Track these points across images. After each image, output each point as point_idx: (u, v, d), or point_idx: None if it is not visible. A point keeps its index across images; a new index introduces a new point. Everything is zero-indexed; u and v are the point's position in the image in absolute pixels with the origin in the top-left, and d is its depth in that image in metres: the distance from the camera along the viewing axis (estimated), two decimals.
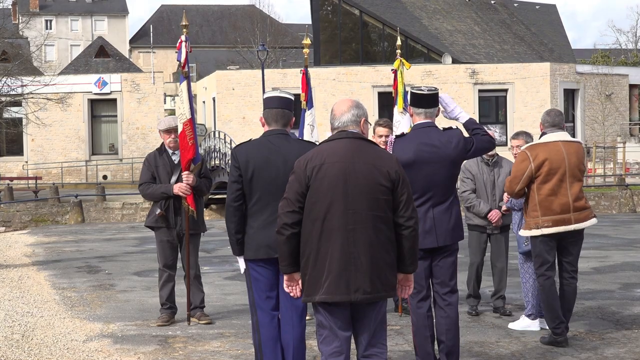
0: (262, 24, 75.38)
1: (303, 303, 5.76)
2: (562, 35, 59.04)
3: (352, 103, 5.91)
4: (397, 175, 5.66)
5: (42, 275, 14.43)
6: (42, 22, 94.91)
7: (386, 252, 5.64)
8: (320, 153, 5.68)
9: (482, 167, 10.44)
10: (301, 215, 5.64)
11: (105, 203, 30.81)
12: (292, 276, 5.76)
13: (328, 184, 5.59)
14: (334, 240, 5.57)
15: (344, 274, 5.55)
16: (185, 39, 9.84)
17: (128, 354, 8.55)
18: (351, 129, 5.77)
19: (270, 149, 6.79)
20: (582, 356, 8.26)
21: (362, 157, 5.64)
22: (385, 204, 5.63)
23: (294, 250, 5.68)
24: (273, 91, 7.14)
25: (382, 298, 5.68)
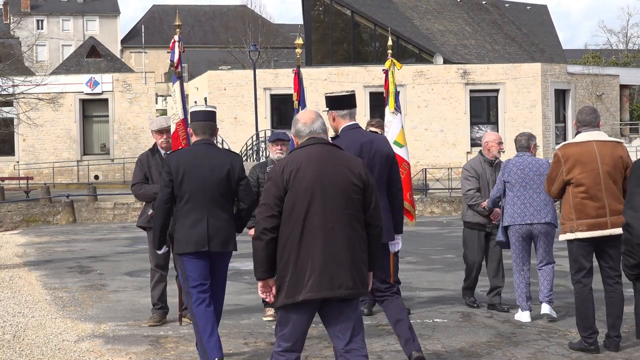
0: (254, 24, 75.40)
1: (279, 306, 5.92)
2: (553, 36, 59.15)
3: (317, 113, 6.20)
4: (366, 177, 5.97)
5: (33, 276, 14.41)
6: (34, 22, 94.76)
7: (361, 249, 5.89)
8: (295, 158, 5.91)
9: (486, 166, 10.64)
10: (279, 220, 5.80)
11: (97, 203, 30.73)
12: (267, 282, 5.87)
13: (306, 185, 5.80)
14: (315, 240, 5.76)
15: (327, 271, 5.73)
16: (178, 39, 9.85)
17: (119, 354, 8.55)
18: (321, 136, 6.06)
19: (198, 156, 7.72)
20: (573, 356, 8.29)
21: (334, 160, 5.94)
22: (358, 203, 5.90)
23: (271, 256, 5.81)
24: (198, 105, 7.99)
25: (362, 294, 5.89)
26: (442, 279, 13.38)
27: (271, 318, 9.96)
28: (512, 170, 9.90)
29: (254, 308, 10.55)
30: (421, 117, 44.99)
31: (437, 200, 30.98)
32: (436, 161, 44.18)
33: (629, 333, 9.23)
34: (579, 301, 8.45)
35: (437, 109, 45.13)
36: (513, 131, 44.45)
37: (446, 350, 8.51)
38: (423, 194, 32.13)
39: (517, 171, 9.87)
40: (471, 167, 10.71)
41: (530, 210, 9.81)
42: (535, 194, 9.79)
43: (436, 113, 45.10)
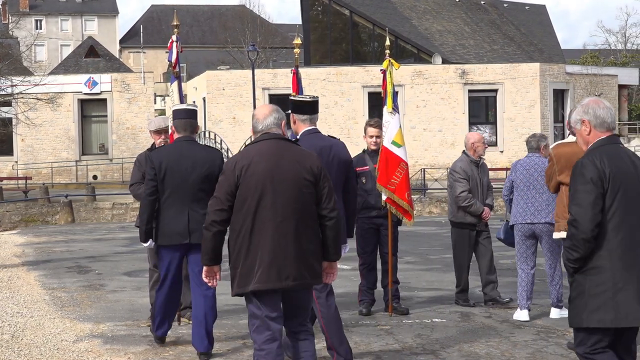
0: (252, 24, 75.36)
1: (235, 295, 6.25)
2: (551, 36, 59.15)
3: (273, 108, 6.34)
4: (319, 170, 6.17)
5: (32, 276, 14.41)
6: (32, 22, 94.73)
7: (311, 242, 6.11)
8: (247, 154, 6.15)
9: (473, 167, 10.79)
10: (230, 214, 6.07)
11: (95, 203, 30.72)
12: (211, 269, 6.25)
13: (257, 181, 6.03)
14: (265, 233, 6.00)
15: (275, 263, 5.98)
16: (176, 39, 9.84)
17: (118, 354, 8.55)
18: (274, 131, 6.23)
19: (181, 153, 8.15)
20: (571, 356, 8.29)
21: (286, 155, 6.12)
22: (310, 197, 6.11)
23: (217, 246, 6.15)
24: (181, 104, 8.41)
25: (309, 285, 6.18)
26: (441, 279, 13.39)
27: None
28: (518, 170, 10.08)
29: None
30: (420, 117, 44.99)
31: (436, 200, 30.99)
32: (435, 161, 44.18)
33: None
34: None
35: (436, 109, 45.13)
36: (511, 131, 44.56)
37: (445, 350, 8.51)
38: (421, 194, 32.13)
39: (523, 171, 10.02)
40: (461, 169, 10.83)
41: (531, 210, 9.91)
42: (538, 194, 9.89)
43: (435, 113, 45.10)
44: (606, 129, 5.75)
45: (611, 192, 5.51)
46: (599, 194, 5.48)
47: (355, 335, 9.20)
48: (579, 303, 5.57)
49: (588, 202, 5.47)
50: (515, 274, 13.68)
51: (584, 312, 5.53)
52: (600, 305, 5.46)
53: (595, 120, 5.76)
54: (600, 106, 5.78)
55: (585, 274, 5.53)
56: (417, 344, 8.79)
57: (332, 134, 8.85)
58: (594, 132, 5.77)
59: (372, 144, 10.44)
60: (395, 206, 10.15)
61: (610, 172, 5.52)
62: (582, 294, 5.54)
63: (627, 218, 5.53)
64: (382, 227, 10.32)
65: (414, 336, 9.13)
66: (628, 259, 5.50)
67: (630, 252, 5.51)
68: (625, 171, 5.59)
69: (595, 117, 5.75)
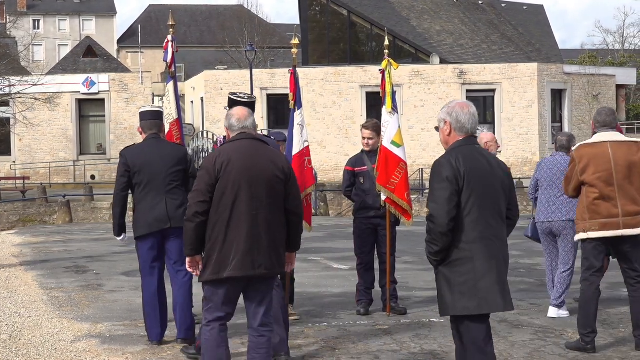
0: (250, 24, 75.32)
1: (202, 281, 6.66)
2: (549, 36, 59.19)
3: (249, 111, 6.89)
4: (289, 170, 6.76)
5: (29, 276, 14.39)
6: (30, 21, 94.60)
7: (280, 233, 6.67)
8: (227, 151, 6.62)
9: None
10: (210, 205, 6.52)
11: (93, 203, 30.73)
12: (194, 258, 6.63)
13: (235, 176, 6.52)
14: (241, 224, 6.49)
15: (250, 253, 6.48)
16: (172, 39, 9.83)
17: (116, 354, 8.55)
18: (251, 132, 6.77)
19: (151, 149, 8.82)
20: (569, 356, 8.29)
21: (261, 154, 6.66)
22: (280, 193, 6.66)
23: (200, 236, 6.54)
24: (146, 106, 9.15)
25: (278, 273, 6.76)
26: None
27: None
28: (543, 169, 10.22)
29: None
30: (418, 117, 45.00)
31: None
32: (433, 161, 44.03)
33: (625, 333, 9.24)
34: (583, 299, 8.53)
35: (434, 108, 45.12)
36: (509, 131, 44.59)
37: (443, 350, 8.51)
38: (420, 193, 32.12)
39: (547, 170, 10.16)
40: None
41: (552, 209, 10.06)
42: (560, 192, 10.00)
43: (433, 113, 45.08)
44: (465, 133, 6.17)
45: (467, 189, 5.94)
46: (454, 191, 5.92)
47: (353, 335, 9.20)
48: (445, 293, 6.00)
49: (444, 199, 5.91)
50: (514, 273, 13.74)
51: (450, 302, 5.97)
52: (464, 294, 5.91)
53: (456, 123, 6.19)
54: (464, 111, 6.20)
55: (449, 265, 5.96)
56: (415, 343, 8.79)
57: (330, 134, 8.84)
58: (454, 134, 6.20)
59: (364, 145, 10.51)
60: (394, 206, 10.15)
61: (465, 171, 5.95)
62: (448, 284, 5.97)
63: (484, 212, 5.97)
64: (380, 227, 10.32)
65: (412, 336, 9.12)
66: (487, 250, 5.95)
67: (489, 243, 5.96)
68: (481, 169, 6.02)
69: (457, 121, 6.18)
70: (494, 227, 6.02)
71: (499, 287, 5.96)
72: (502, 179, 6.15)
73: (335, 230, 22.16)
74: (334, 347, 8.65)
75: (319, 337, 9.13)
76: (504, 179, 6.16)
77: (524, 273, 13.90)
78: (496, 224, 6.04)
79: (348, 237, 12.66)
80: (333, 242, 19.03)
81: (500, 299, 5.99)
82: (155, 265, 8.87)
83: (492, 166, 6.11)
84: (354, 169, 10.50)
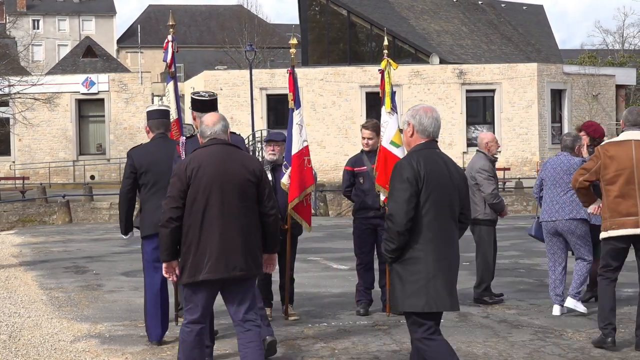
0: (250, 24, 75.30)
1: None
2: (549, 36, 59.18)
3: (220, 116, 7.00)
4: (260, 173, 6.85)
5: (29, 276, 14.39)
6: (30, 21, 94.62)
7: (255, 236, 6.79)
8: (197, 157, 6.78)
9: (492, 165, 11.07)
10: (183, 211, 6.69)
11: (93, 203, 30.73)
12: (170, 264, 6.80)
13: (206, 181, 6.68)
14: (213, 228, 6.64)
15: (223, 256, 6.62)
16: (172, 39, 9.83)
17: (116, 354, 8.55)
18: (221, 137, 6.87)
19: (158, 149, 8.82)
20: (569, 356, 8.30)
21: (232, 159, 6.80)
22: (252, 196, 6.78)
23: (175, 241, 6.72)
24: (154, 105, 9.12)
25: (254, 275, 6.84)
26: None
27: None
28: (547, 169, 10.28)
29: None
30: None
31: None
32: None
33: (625, 333, 9.24)
34: (600, 293, 8.63)
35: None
36: (509, 131, 44.58)
37: None
38: None
39: (551, 169, 10.21)
40: (489, 167, 11.11)
41: (555, 207, 10.10)
42: (563, 191, 10.06)
43: None
44: (426, 136, 6.39)
45: (425, 191, 6.18)
46: (414, 192, 6.15)
47: (353, 335, 9.20)
48: (397, 289, 6.28)
49: (403, 199, 6.15)
50: (514, 273, 13.74)
51: (400, 298, 6.24)
52: (415, 292, 6.16)
53: (419, 126, 6.39)
54: (428, 115, 6.41)
55: (403, 263, 6.21)
56: None
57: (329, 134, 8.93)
58: (416, 136, 6.41)
59: (364, 145, 10.53)
60: None
61: (425, 173, 6.18)
62: (400, 281, 6.23)
63: (439, 215, 6.22)
64: (380, 228, 10.32)
65: None
66: (440, 251, 6.20)
67: (442, 244, 6.21)
68: (439, 173, 6.26)
69: (419, 124, 6.39)
70: (448, 230, 6.27)
71: (447, 288, 6.21)
72: (459, 183, 6.39)
73: (335, 230, 22.17)
74: (333, 347, 8.65)
75: (319, 337, 9.13)
76: (460, 183, 6.40)
77: (524, 273, 13.90)
78: (450, 227, 6.29)
79: (348, 237, 12.65)
80: (333, 242, 19.03)
81: (448, 299, 6.22)
82: (159, 265, 8.84)
83: (450, 170, 6.34)
84: (354, 169, 10.50)
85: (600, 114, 47.79)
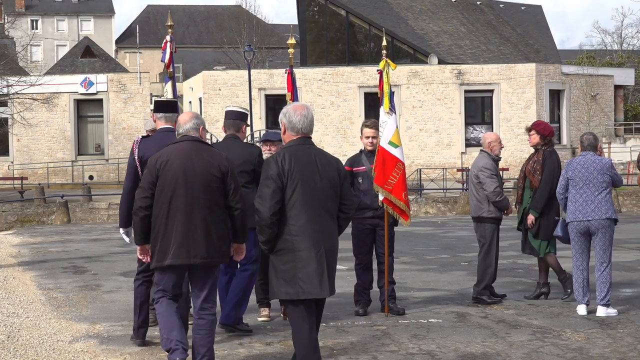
0: (249, 24, 75.31)
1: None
2: (547, 36, 59.19)
3: (193, 114, 7.60)
4: (226, 169, 7.32)
5: (27, 276, 14.39)
6: (28, 22, 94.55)
7: (218, 227, 7.30)
8: (167, 152, 7.39)
9: (495, 164, 11.10)
10: (152, 200, 7.29)
11: (91, 203, 30.70)
12: (144, 247, 7.50)
13: (172, 175, 7.26)
14: (178, 218, 7.22)
15: (185, 244, 7.20)
16: (170, 39, 9.83)
17: (114, 354, 8.55)
18: (192, 134, 7.45)
19: (225, 149, 8.49)
20: (567, 356, 8.30)
21: (199, 154, 7.32)
22: (217, 190, 7.29)
23: (146, 227, 7.36)
24: (232, 105, 9.53)
25: (216, 263, 7.36)
26: (437, 279, 13.39)
27: (266, 318, 9.96)
28: (576, 168, 10.24)
29: (248, 309, 10.51)
30: (416, 118, 45.00)
31: (432, 201, 31.00)
32: (431, 161, 44.20)
33: (623, 333, 9.24)
34: None
35: (432, 109, 45.15)
36: (508, 131, 44.57)
37: (441, 351, 8.51)
38: (418, 194, 32.14)
39: (582, 169, 10.20)
40: (492, 166, 11.16)
41: (591, 207, 10.12)
42: (597, 191, 10.12)
43: (431, 113, 45.12)
44: (296, 133, 6.88)
45: (290, 185, 6.68)
46: (277, 188, 6.68)
47: (352, 335, 9.20)
48: (272, 279, 6.80)
49: (267, 195, 6.69)
50: (513, 274, 13.74)
51: (275, 287, 6.79)
52: (287, 281, 6.68)
53: (289, 124, 6.89)
54: (297, 113, 6.87)
55: (276, 254, 6.76)
56: (414, 344, 8.79)
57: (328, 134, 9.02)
58: (288, 133, 6.92)
59: (368, 145, 10.47)
60: (392, 206, 10.16)
61: (289, 169, 6.68)
62: (274, 271, 6.76)
63: (308, 206, 6.69)
64: (378, 228, 10.33)
65: (410, 336, 9.12)
66: (310, 242, 6.67)
67: (313, 234, 6.69)
68: (306, 167, 6.75)
69: (289, 122, 6.88)
70: (318, 220, 6.73)
71: (318, 275, 6.66)
72: (331, 176, 6.83)
73: None
74: (332, 348, 8.65)
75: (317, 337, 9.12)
76: (333, 177, 6.84)
77: (522, 273, 13.92)
78: (321, 217, 6.75)
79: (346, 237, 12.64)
80: None
81: (318, 286, 6.67)
82: None
83: (319, 165, 6.80)
84: (352, 169, 10.50)
85: (598, 115, 47.82)
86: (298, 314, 6.78)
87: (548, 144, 11.15)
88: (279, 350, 8.56)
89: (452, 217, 28.28)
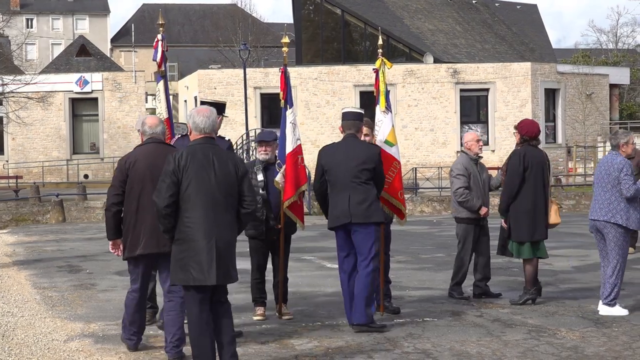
0: (244, 23, 75.21)
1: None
2: (543, 35, 59.21)
3: (160, 120, 8.56)
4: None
5: (22, 275, 14.37)
6: (23, 20, 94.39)
7: None
8: (135, 153, 8.30)
9: (473, 165, 11.10)
10: (123, 197, 8.18)
11: (87, 202, 30.64)
12: (115, 242, 8.35)
13: (140, 173, 8.15)
14: (146, 212, 8.03)
15: (155, 235, 7.94)
16: (161, 37, 9.81)
17: (109, 353, 8.54)
18: (158, 137, 8.39)
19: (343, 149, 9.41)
20: (563, 355, 8.30)
21: (163, 155, 7.92)
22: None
23: (117, 223, 8.26)
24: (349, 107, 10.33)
25: None
26: (432, 278, 13.39)
27: (261, 317, 9.95)
28: (596, 169, 10.37)
29: (243, 307, 10.53)
30: (411, 116, 45.00)
31: (427, 200, 31.00)
32: (426, 160, 44.20)
33: (618, 332, 9.25)
34: None
35: (428, 108, 45.15)
36: (503, 130, 44.59)
37: (436, 349, 8.51)
38: (413, 193, 32.15)
39: (598, 168, 10.32)
40: (462, 166, 11.23)
41: (596, 206, 10.17)
42: (603, 191, 10.13)
43: (426, 112, 45.12)
44: (200, 132, 7.41)
45: (185, 180, 7.21)
46: (171, 183, 7.21)
47: (347, 334, 9.19)
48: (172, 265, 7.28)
49: (163, 189, 7.23)
50: (508, 272, 13.77)
51: (173, 273, 7.29)
52: (182, 267, 7.19)
53: (193, 125, 7.42)
54: (200, 114, 7.41)
55: (175, 243, 7.27)
56: (409, 343, 8.79)
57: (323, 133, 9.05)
58: (193, 133, 7.45)
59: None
60: (388, 205, 10.15)
61: (185, 165, 7.22)
62: (173, 258, 7.26)
63: (201, 200, 7.18)
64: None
65: (405, 335, 9.12)
66: (203, 233, 7.15)
67: (207, 226, 7.16)
68: (201, 163, 7.25)
69: (193, 122, 7.42)
70: (211, 214, 7.18)
71: (209, 263, 7.10)
72: (227, 173, 7.28)
73: None
74: (327, 347, 8.64)
75: (313, 336, 9.13)
76: (228, 173, 7.29)
77: (517, 272, 13.91)
78: (214, 211, 7.19)
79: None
80: (326, 242, 19.00)
81: (210, 274, 7.10)
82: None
83: (215, 162, 7.27)
84: None
85: (593, 114, 47.85)
86: (190, 298, 7.22)
87: (523, 142, 10.92)
88: (274, 349, 8.55)
89: (448, 216, 28.25)
